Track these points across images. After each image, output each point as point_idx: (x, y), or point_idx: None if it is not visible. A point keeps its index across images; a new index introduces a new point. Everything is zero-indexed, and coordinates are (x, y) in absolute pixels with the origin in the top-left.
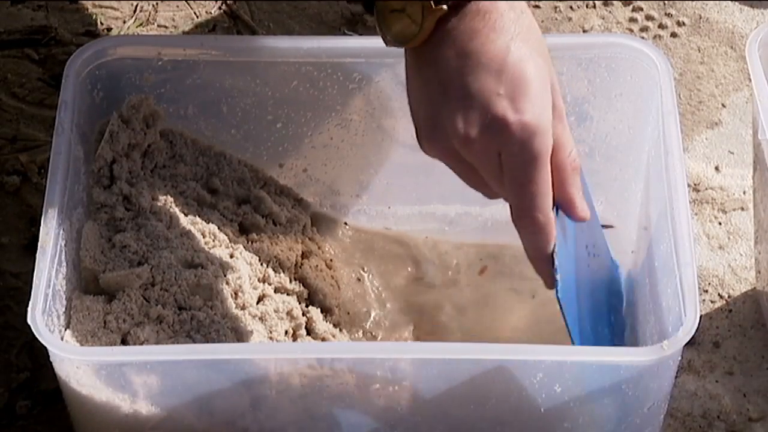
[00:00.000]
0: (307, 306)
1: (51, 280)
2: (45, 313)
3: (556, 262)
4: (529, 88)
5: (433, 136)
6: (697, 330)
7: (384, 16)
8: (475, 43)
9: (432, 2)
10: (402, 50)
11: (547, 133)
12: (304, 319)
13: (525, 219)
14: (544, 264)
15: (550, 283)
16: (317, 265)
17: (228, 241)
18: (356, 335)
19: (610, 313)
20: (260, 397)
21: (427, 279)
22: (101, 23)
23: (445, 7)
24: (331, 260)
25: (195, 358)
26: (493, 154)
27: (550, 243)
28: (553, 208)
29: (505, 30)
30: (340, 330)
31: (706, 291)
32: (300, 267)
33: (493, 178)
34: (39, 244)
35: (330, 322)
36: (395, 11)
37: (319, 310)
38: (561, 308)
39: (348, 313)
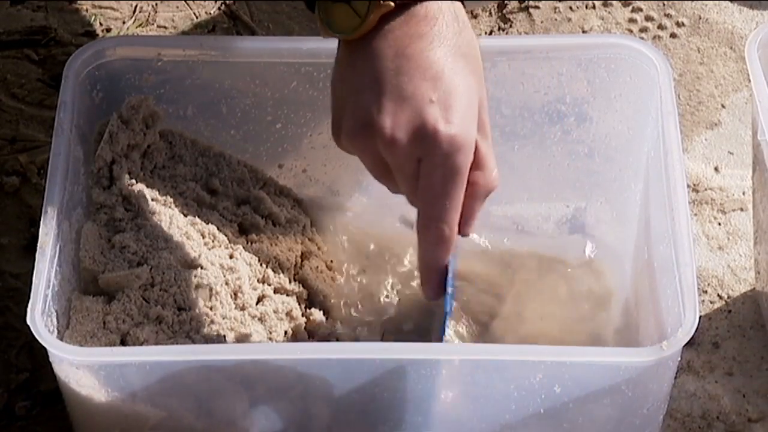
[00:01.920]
0: (307, 307)
1: (50, 280)
2: (44, 314)
3: (450, 275)
4: (460, 101)
5: (357, 130)
6: (696, 330)
7: (326, 5)
8: (416, 46)
9: None
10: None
11: (471, 150)
12: (304, 319)
13: (431, 229)
14: (434, 275)
15: (434, 294)
16: (317, 266)
17: (227, 241)
18: (356, 336)
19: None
20: (260, 397)
21: None
22: (101, 24)
23: (392, 4)
24: (330, 261)
25: (194, 358)
26: (414, 159)
27: (447, 256)
28: None
29: (447, 40)
30: (340, 329)
31: (706, 291)
32: (300, 268)
33: (407, 181)
34: (38, 244)
35: (330, 323)
36: (339, 1)
37: (319, 311)
38: (444, 322)
39: (348, 314)
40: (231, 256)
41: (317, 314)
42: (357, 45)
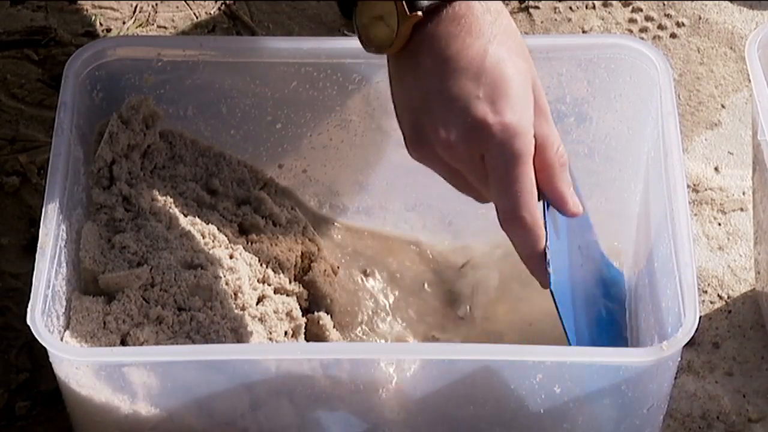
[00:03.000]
0: (307, 307)
1: (50, 280)
2: (44, 314)
3: (548, 258)
4: (508, 89)
5: (418, 143)
6: (696, 331)
7: (362, 22)
8: (452, 48)
9: (407, 8)
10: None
11: (529, 133)
12: (304, 320)
13: (512, 220)
14: (536, 263)
15: (545, 281)
16: (324, 270)
17: (227, 241)
18: (356, 336)
19: (606, 313)
20: (260, 397)
21: (428, 279)
22: (101, 24)
23: (420, 13)
24: (336, 266)
25: (194, 358)
26: (477, 158)
27: (540, 242)
28: (544, 206)
29: (482, 33)
30: (341, 330)
31: (706, 292)
32: (307, 271)
33: (478, 181)
34: (38, 244)
35: (330, 323)
36: (373, 18)
37: (319, 310)
38: (555, 304)
39: (348, 314)
40: (231, 257)
41: (317, 314)
42: (400, 59)
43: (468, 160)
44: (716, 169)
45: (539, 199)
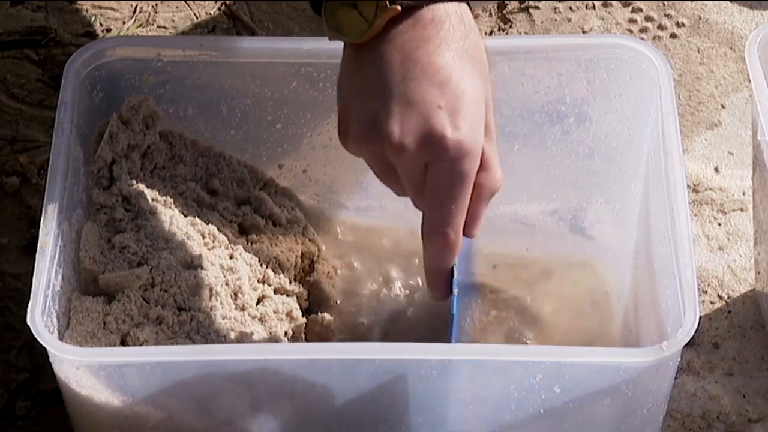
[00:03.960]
0: (307, 307)
1: (50, 281)
2: (44, 314)
3: (455, 277)
4: (467, 106)
5: (364, 135)
6: (696, 331)
7: (333, 8)
8: (423, 51)
9: (387, 1)
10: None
11: (478, 156)
12: (304, 320)
13: (436, 234)
14: (441, 278)
15: (442, 296)
16: (327, 271)
17: (227, 242)
18: (357, 336)
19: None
20: (260, 398)
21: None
22: (101, 24)
23: (399, 7)
24: (331, 262)
25: (194, 358)
26: (421, 165)
27: (452, 260)
28: None
29: (455, 44)
30: (341, 331)
31: (706, 292)
32: (299, 268)
33: (413, 186)
34: (38, 245)
35: (330, 323)
36: (345, 5)
37: (319, 311)
38: (451, 323)
39: (348, 314)
40: (231, 257)
41: (317, 314)
42: (364, 49)
43: (412, 165)
44: (716, 169)
45: None
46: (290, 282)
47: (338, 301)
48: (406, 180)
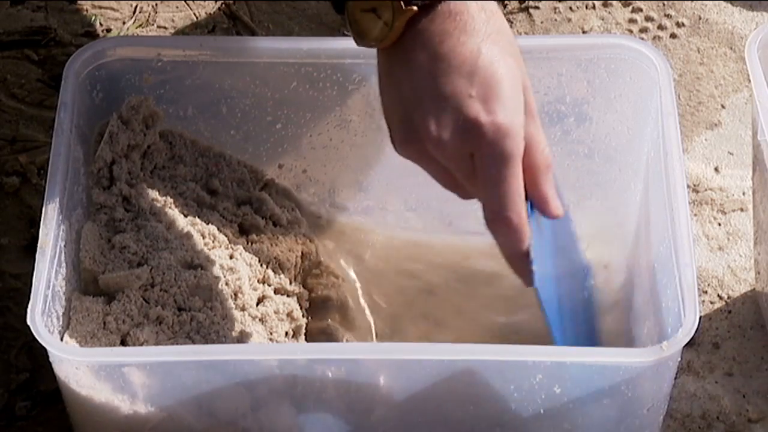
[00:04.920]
0: (308, 307)
1: (50, 281)
2: (44, 314)
3: (532, 257)
4: (500, 89)
5: (406, 138)
6: (696, 331)
7: (354, 16)
8: (446, 45)
9: (402, 3)
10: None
11: (519, 135)
12: (305, 320)
13: (498, 220)
14: (520, 263)
15: (529, 280)
16: (325, 272)
17: (228, 242)
18: (357, 337)
19: (587, 316)
20: (260, 398)
21: (429, 279)
22: (101, 24)
23: (415, 8)
24: (331, 262)
25: (194, 359)
26: (466, 156)
27: (524, 242)
28: (529, 206)
29: (476, 32)
30: (341, 331)
31: (706, 292)
32: (299, 268)
33: (466, 179)
34: (38, 245)
35: (331, 324)
36: (365, 11)
37: (319, 311)
38: (540, 303)
39: (348, 314)
40: (231, 257)
41: (324, 318)
42: (391, 53)
43: (458, 158)
44: (716, 169)
45: (525, 200)
46: (290, 282)
47: (337, 301)
48: (459, 175)
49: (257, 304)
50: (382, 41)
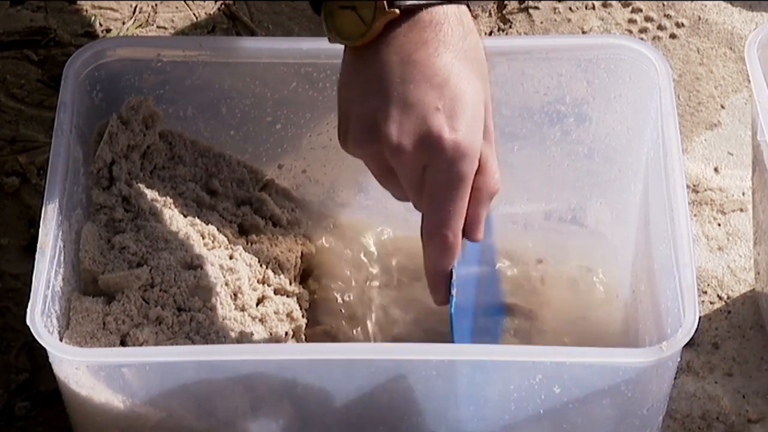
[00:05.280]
0: (308, 308)
1: (50, 281)
2: (44, 315)
3: (454, 278)
4: (466, 108)
5: (363, 136)
6: (696, 331)
7: (332, 11)
8: (421, 53)
9: (386, 4)
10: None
11: (476, 158)
12: (305, 320)
13: (436, 235)
14: (440, 280)
15: (442, 299)
16: (317, 267)
17: (227, 242)
18: (357, 337)
19: (499, 337)
20: (260, 398)
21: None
22: (100, 24)
23: (397, 11)
24: (331, 262)
25: (194, 359)
26: (419, 167)
27: (451, 262)
28: None
29: (453, 46)
30: (341, 331)
31: (705, 292)
32: (299, 268)
33: (412, 188)
34: (38, 245)
35: (331, 324)
36: (344, 8)
37: (320, 311)
38: (451, 324)
39: (349, 315)
40: (231, 257)
41: (324, 318)
42: (363, 51)
43: (411, 166)
44: (716, 169)
45: None
46: (290, 283)
47: (338, 301)
48: (406, 182)
49: (257, 305)
50: (358, 40)
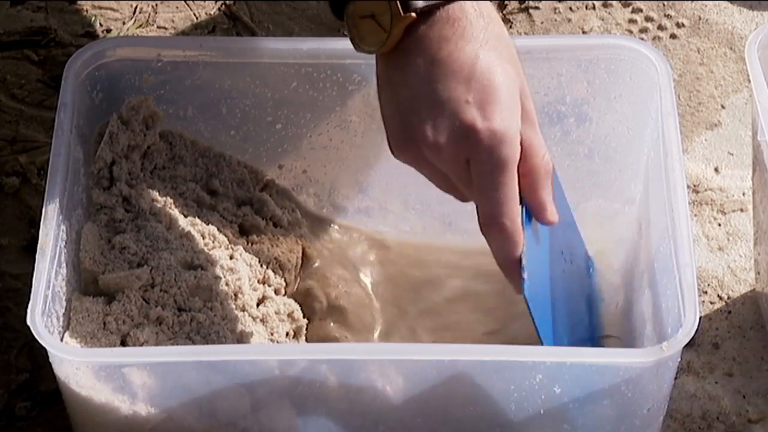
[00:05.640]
0: (308, 308)
1: (50, 281)
2: (44, 315)
3: (524, 263)
4: (497, 95)
5: (404, 142)
6: (696, 331)
7: (354, 21)
8: (444, 50)
9: (401, 9)
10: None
11: (515, 141)
12: (305, 321)
13: (492, 225)
14: (512, 269)
15: (518, 287)
16: (318, 267)
17: (228, 242)
18: (357, 337)
19: (590, 317)
20: (261, 398)
21: (429, 279)
22: (101, 24)
23: (413, 14)
24: (331, 262)
25: (194, 359)
26: (462, 161)
27: (517, 248)
28: (524, 211)
29: (474, 38)
30: (342, 331)
31: (706, 292)
32: (300, 269)
33: (462, 183)
34: (38, 245)
35: (331, 324)
36: (365, 17)
37: (320, 311)
38: (529, 309)
39: (349, 315)
40: (231, 257)
41: (325, 318)
42: (390, 59)
43: (454, 163)
44: (716, 169)
45: (520, 204)
46: (291, 283)
47: (338, 302)
48: (455, 179)
49: (258, 305)
50: (381, 47)
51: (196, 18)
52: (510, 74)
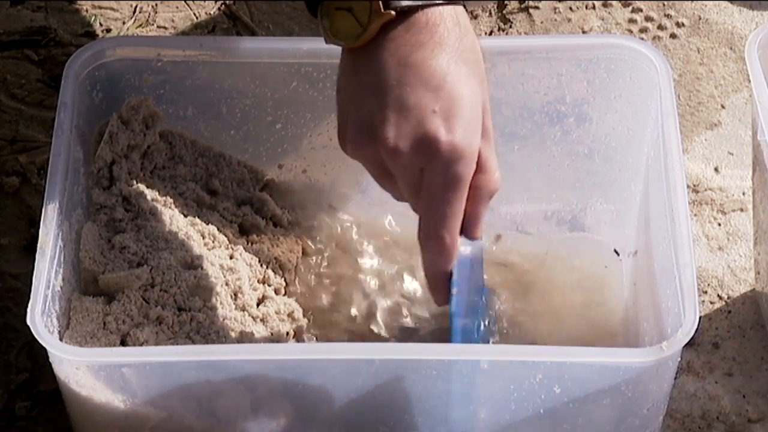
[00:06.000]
0: (308, 308)
1: (50, 281)
2: (44, 314)
3: (454, 277)
4: (463, 110)
5: (361, 139)
6: (696, 331)
7: (329, 12)
8: (418, 55)
9: (381, 6)
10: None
11: (473, 158)
12: (305, 320)
13: (432, 238)
14: (439, 282)
15: (443, 299)
16: (317, 267)
17: (228, 242)
18: (358, 337)
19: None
20: (261, 398)
21: None
22: (101, 24)
23: (393, 12)
24: (331, 262)
25: (194, 359)
26: (417, 169)
27: (450, 263)
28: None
29: (449, 47)
30: (342, 331)
31: (706, 292)
32: (299, 268)
33: (410, 190)
34: (38, 245)
35: (332, 324)
36: (341, 9)
37: (320, 311)
38: (452, 320)
39: (349, 315)
40: (231, 257)
41: (325, 318)
42: (359, 53)
43: (408, 169)
44: (716, 169)
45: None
46: (291, 283)
47: (338, 301)
48: (403, 184)
49: (258, 305)
50: (354, 42)
51: (196, 18)
52: (476, 90)
